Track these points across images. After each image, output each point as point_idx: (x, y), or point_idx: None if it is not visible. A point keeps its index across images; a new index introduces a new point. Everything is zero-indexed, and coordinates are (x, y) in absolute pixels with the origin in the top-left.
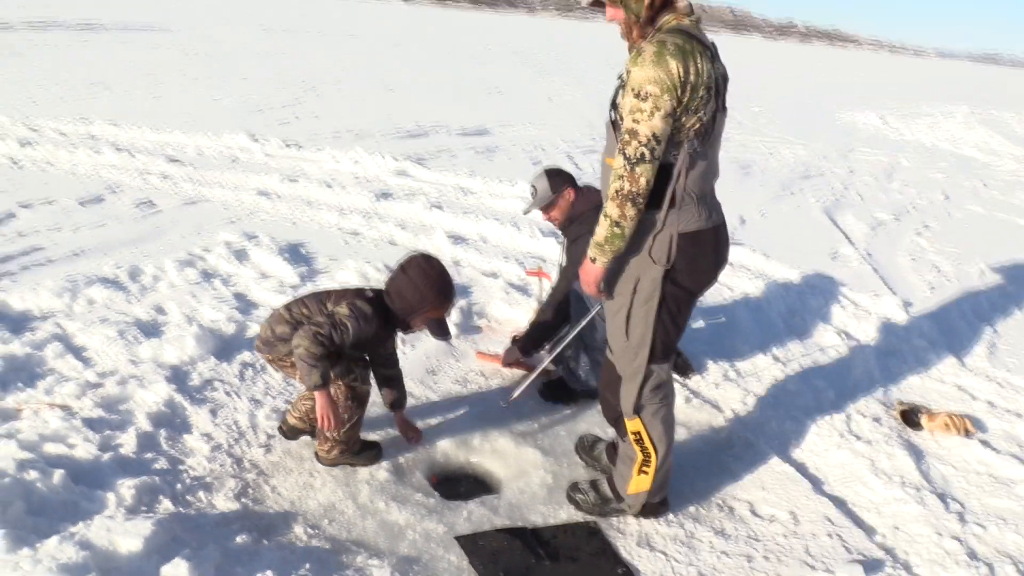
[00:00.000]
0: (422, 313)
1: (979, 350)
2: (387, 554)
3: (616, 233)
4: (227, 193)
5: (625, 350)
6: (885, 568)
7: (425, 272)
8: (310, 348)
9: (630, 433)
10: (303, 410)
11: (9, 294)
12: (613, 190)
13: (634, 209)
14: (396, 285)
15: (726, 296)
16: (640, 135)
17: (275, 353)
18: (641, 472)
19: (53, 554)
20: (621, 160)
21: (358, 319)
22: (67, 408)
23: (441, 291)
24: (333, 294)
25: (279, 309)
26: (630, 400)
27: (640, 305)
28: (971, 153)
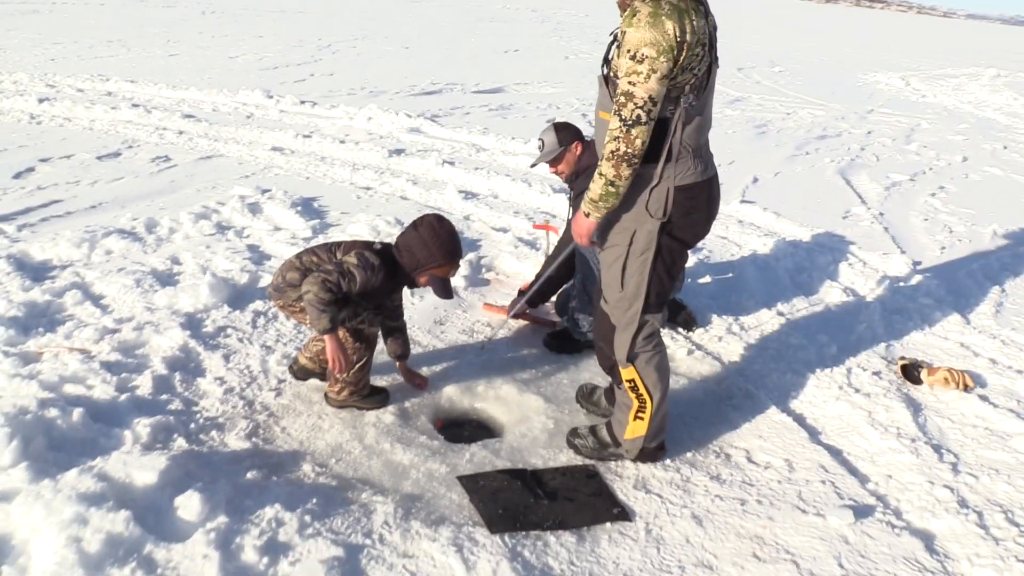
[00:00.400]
0: (428, 269)
1: (985, 309)
2: (391, 491)
3: (610, 191)
4: (242, 149)
5: (620, 300)
6: (875, 513)
7: (435, 231)
8: (319, 294)
9: (625, 381)
10: (314, 351)
11: (30, 244)
12: (609, 150)
13: (629, 169)
14: (406, 240)
15: (734, 253)
16: (636, 97)
17: (285, 299)
18: (637, 418)
19: (73, 484)
20: (617, 122)
21: (365, 269)
22: (86, 352)
23: (448, 250)
24: (343, 244)
25: (290, 257)
26: (624, 349)
27: (636, 257)
28: (994, 116)
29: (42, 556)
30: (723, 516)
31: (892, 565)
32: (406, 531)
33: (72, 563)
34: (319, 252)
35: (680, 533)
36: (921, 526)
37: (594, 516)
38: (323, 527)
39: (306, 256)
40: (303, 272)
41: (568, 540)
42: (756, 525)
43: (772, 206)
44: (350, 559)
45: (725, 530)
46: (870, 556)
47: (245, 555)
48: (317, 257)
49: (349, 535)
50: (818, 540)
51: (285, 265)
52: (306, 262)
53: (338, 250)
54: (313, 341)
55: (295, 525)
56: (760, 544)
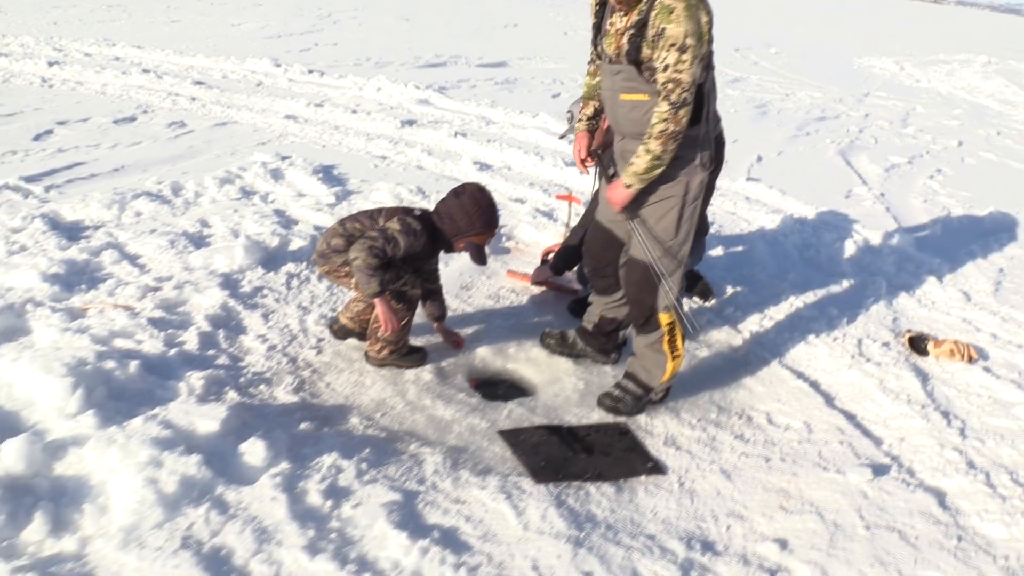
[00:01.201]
0: (467, 237)
1: (985, 287)
2: (437, 444)
3: (656, 165)
4: (255, 116)
5: (671, 247)
6: (891, 472)
7: (477, 200)
8: (366, 259)
9: (664, 325)
10: (355, 311)
11: (60, 205)
12: (658, 131)
13: (675, 144)
14: (448, 207)
15: (743, 228)
16: (683, 83)
17: (330, 264)
18: (675, 357)
19: (141, 430)
20: (666, 106)
21: (408, 234)
22: (130, 308)
23: (488, 220)
24: (384, 211)
25: (334, 224)
26: (672, 294)
27: (689, 205)
28: (986, 102)
29: (121, 496)
30: (750, 472)
31: (909, 518)
32: (456, 479)
33: (151, 502)
34: (361, 219)
35: (711, 486)
36: (934, 484)
37: (629, 469)
38: (379, 474)
39: (349, 223)
40: (347, 239)
41: (608, 490)
42: (781, 480)
43: (777, 184)
44: (407, 503)
45: (752, 484)
46: (888, 510)
47: (310, 498)
48: (360, 224)
49: (404, 482)
50: (839, 495)
51: (329, 232)
52: (350, 229)
53: (380, 216)
54: (354, 302)
55: (353, 472)
56: (786, 497)
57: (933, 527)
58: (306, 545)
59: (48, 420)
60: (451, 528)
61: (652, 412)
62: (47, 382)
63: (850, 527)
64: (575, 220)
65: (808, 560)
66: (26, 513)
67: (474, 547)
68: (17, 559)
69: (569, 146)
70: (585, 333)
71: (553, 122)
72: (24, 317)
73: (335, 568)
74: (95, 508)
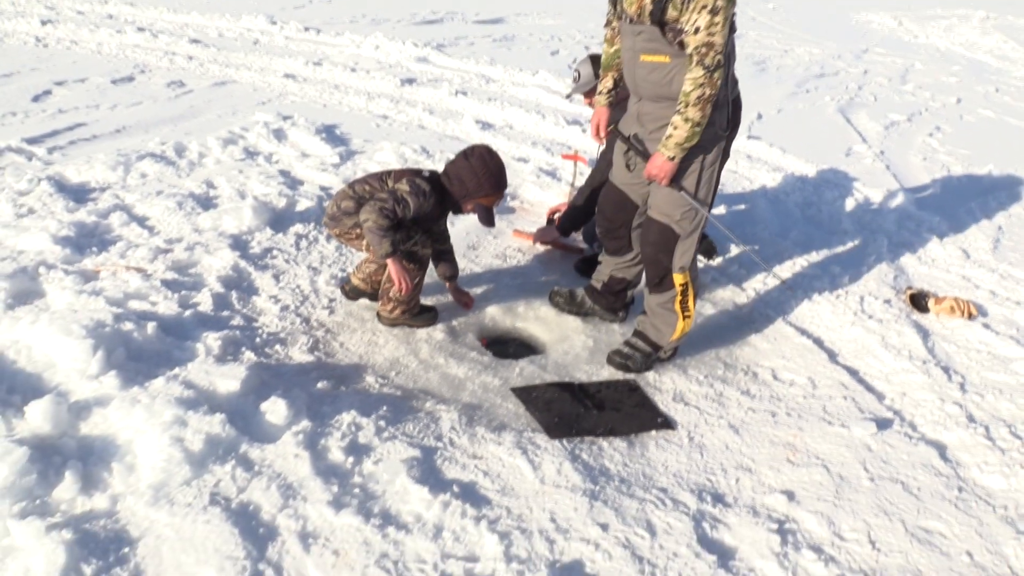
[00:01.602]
0: (476, 198)
1: (984, 244)
2: (452, 401)
3: (696, 132)
4: (254, 75)
5: (689, 211)
6: (894, 426)
7: (486, 162)
8: (377, 220)
9: (677, 286)
10: (367, 272)
11: (64, 167)
12: (695, 97)
13: (711, 107)
14: (457, 169)
15: (745, 187)
16: (716, 45)
17: (341, 227)
18: (686, 317)
19: (163, 391)
20: (701, 70)
21: (418, 195)
22: (142, 271)
23: (497, 182)
24: (393, 173)
25: (344, 187)
26: (688, 256)
27: (707, 168)
28: (984, 58)
29: (148, 454)
30: (757, 426)
31: (911, 470)
32: (472, 435)
33: (179, 460)
34: (371, 181)
35: (719, 440)
36: (935, 437)
37: (640, 425)
38: (397, 431)
39: (359, 185)
40: (357, 201)
41: (620, 445)
42: (787, 434)
43: (778, 142)
44: (426, 459)
45: (760, 438)
46: (891, 462)
47: (332, 455)
48: (369, 186)
49: (422, 438)
50: (844, 448)
51: (339, 195)
52: (359, 191)
53: (389, 178)
54: (366, 263)
55: (372, 429)
56: (792, 450)
57: (935, 478)
58: (331, 500)
59: (70, 381)
60: (470, 483)
61: (660, 369)
62: (67, 344)
63: (855, 479)
64: (580, 180)
65: (815, 511)
66: (56, 472)
67: (493, 501)
68: (51, 516)
69: (574, 105)
70: (594, 292)
71: (553, 80)
72: (38, 280)
73: (360, 522)
74: (123, 467)
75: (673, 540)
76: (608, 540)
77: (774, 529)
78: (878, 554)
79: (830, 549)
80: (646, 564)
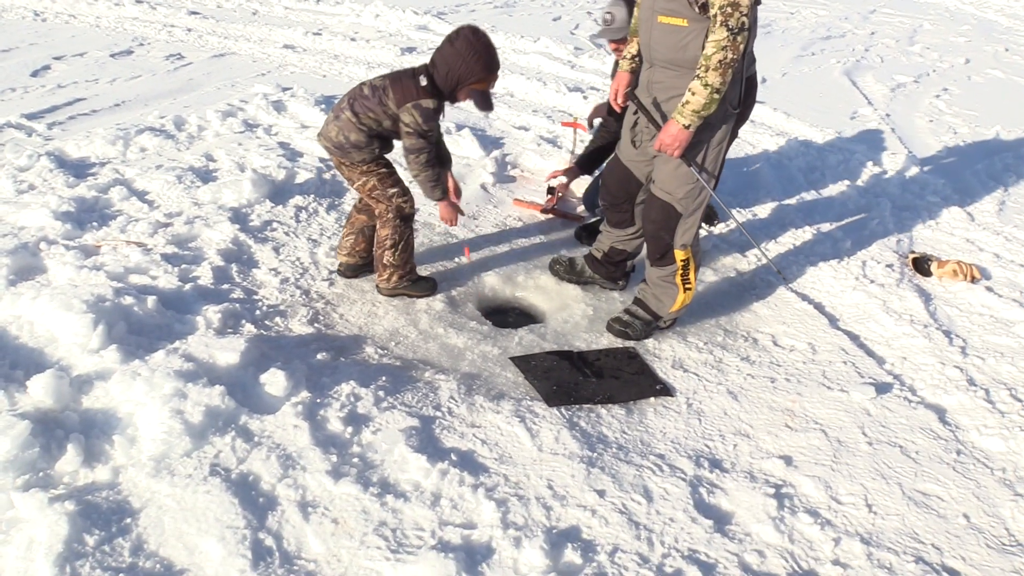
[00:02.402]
0: (468, 85)
1: (989, 207)
2: (451, 371)
3: (715, 99)
4: (253, 47)
5: (693, 190)
6: (893, 390)
7: (472, 44)
8: (427, 173)
9: (678, 261)
10: (347, 245)
11: (64, 142)
12: (716, 60)
13: (731, 73)
14: (444, 57)
15: (748, 152)
16: (742, 5)
17: (348, 159)
18: (686, 290)
19: (164, 364)
20: (724, 31)
21: (432, 119)
22: (142, 245)
23: (488, 62)
24: (388, 88)
25: (344, 113)
26: (691, 234)
27: (713, 147)
28: (995, 17)
29: (150, 427)
30: (755, 392)
31: (910, 434)
32: (471, 405)
33: (179, 432)
34: (372, 106)
35: (718, 407)
36: (934, 401)
37: (639, 392)
38: (396, 401)
39: (363, 115)
40: (368, 133)
41: (618, 412)
42: (786, 400)
43: (782, 107)
44: (425, 429)
45: (758, 404)
46: (890, 426)
47: (331, 425)
48: (373, 113)
49: (420, 408)
50: (843, 412)
51: (343, 124)
52: (366, 121)
53: (387, 97)
54: (344, 237)
55: (371, 399)
56: (791, 416)
57: (933, 442)
58: (330, 470)
59: (72, 356)
60: (468, 451)
61: (660, 336)
62: (68, 319)
63: (853, 443)
64: (580, 147)
65: (812, 475)
66: (58, 445)
67: (491, 469)
68: (55, 488)
69: (576, 71)
70: (594, 261)
71: (555, 46)
72: (39, 255)
73: (359, 491)
74: (124, 439)
75: (670, 506)
76: (605, 506)
77: (771, 494)
78: (875, 517)
79: (826, 513)
80: (642, 529)
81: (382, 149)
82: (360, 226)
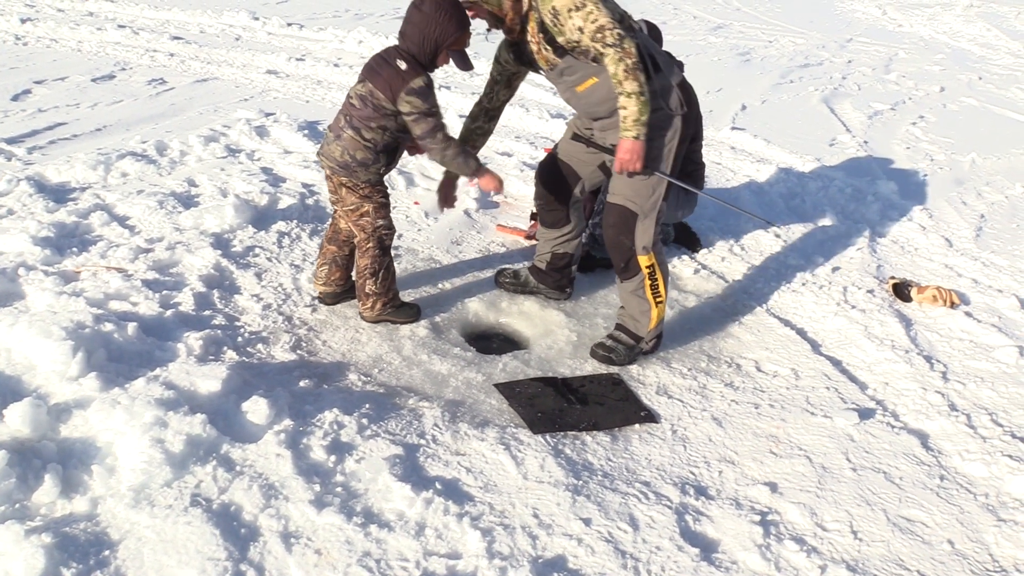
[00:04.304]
0: (444, 47)
1: (966, 233)
2: (435, 398)
3: (644, 101)
4: (236, 72)
5: (644, 187)
6: (876, 415)
7: (440, 4)
8: (450, 148)
9: (644, 268)
10: (323, 275)
11: (45, 167)
12: (621, 71)
13: (643, 74)
14: (414, 26)
15: (729, 178)
16: (606, 25)
17: (354, 178)
18: (658, 303)
19: (144, 392)
20: (611, 50)
21: (429, 94)
22: (123, 271)
23: (460, 20)
24: (374, 91)
25: (345, 132)
26: (648, 236)
27: (665, 146)
28: (968, 47)
29: (129, 456)
30: (740, 418)
31: (893, 459)
32: (455, 432)
33: (159, 461)
34: (371, 117)
35: (703, 433)
36: (917, 426)
37: (624, 418)
38: (380, 429)
39: (367, 131)
40: (375, 150)
41: (603, 439)
42: (770, 426)
43: (762, 133)
44: (409, 457)
45: (743, 430)
46: (873, 452)
47: (314, 454)
48: (375, 122)
49: (404, 436)
50: (827, 438)
51: (349, 143)
52: (371, 137)
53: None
54: (319, 267)
55: (354, 427)
56: (775, 442)
57: (917, 467)
58: (313, 499)
59: (50, 384)
60: (453, 479)
61: (644, 362)
62: (46, 346)
63: (837, 469)
64: None
65: (797, 502)
66: (36, 476)
67: (476, 497)
68: (31, 520)
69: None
70: (538, 271)
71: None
72: (17, 281)
73: (342, 521)
74: (103, 469)
75: (656, 534)
76: (591, 535)
77: (757, 521)
78: (860, 544)
79: (812, 540)
80: (629, 558)
81: (388, 166)
82: (332, 256)
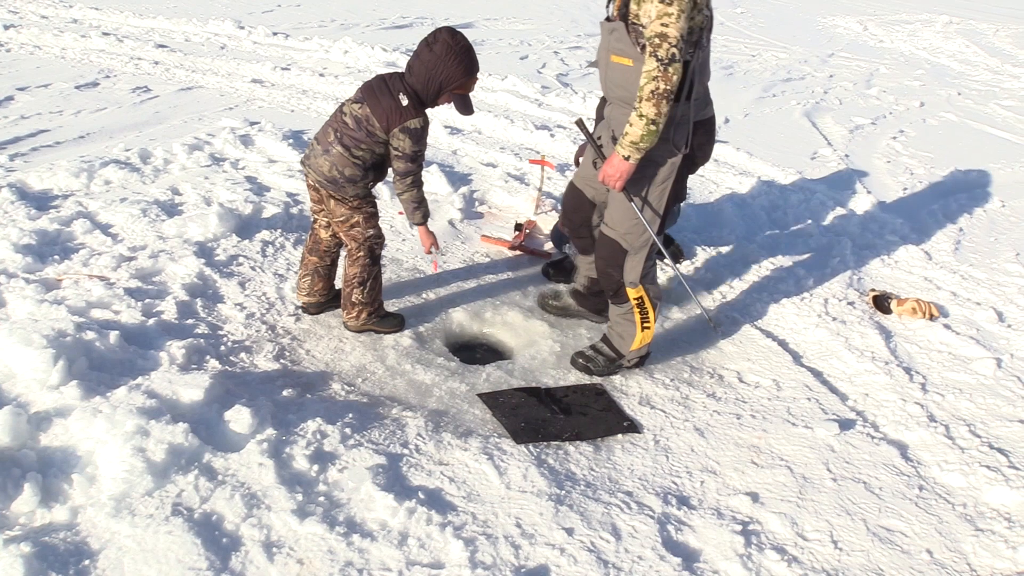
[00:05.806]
0: (448, 89)
1: (945, 246)
2: (418, 408)
3: (652, 131)
4: (221, 80)
5: (635, 226)
6: (856, 426)
7: (451, 47)
8: (411, 191)
9: (632, 299)
10: (306, 287)
11: (27, 174)
12: (648, 91)
13: (667, 106)
14: (422, 63)
15: (712, 191)
16: (670, 37)
17: (342, 193)
18: (644, 328)
19: (125, 400)
20: (654, 62)
21: (421, 139)
22: (105, 279)
23: (468, 66)
24: (370, 117)
25: (334, 148)
26: (637, 271)
27: (656, 187)
28: (947, 63)
29: (110, 465)
30: (722, 429)
31: (873, 470)
32: (439, 442)
33: (141, 470)
34: (360, 140)
35: (685, 443)
36: (896, 437)
37: (607, 428)
38: (363, 438)
39: (355, 149)
40: (363, 167)
41: (586, 449)
42: (752, 436)
43: (744, 146)
44: (392, 466)
45: (724, 441)
46: (854, 462)
47: (297, 463)
48: (364, 144)
49: (388, 445)
50: (808, 449)
51: (337, 159)
52: (358, 156)
53: (373, 128)
54: (301, 279)
55: (338, 437)
56: (757, 452)
57: (896, 478)
58: (295, 509)
59: (31, 392)
60: (436, 489)
61: (627, 373)
62: (27, 354)
63: (818, 479)
64: (548, 184)
65: (779, 512)
66: (15, 485)
67: (459, 507)
68: (10, 530)
69: (543, 110)
70: (578, 295)
71: (523, 85)
72: None
73: (324, 530)
74: (84, 478)
75: (638, 543)
76: (573, 544)
77: (738, 531)
78: (840, 553)
79: (793, 550)
80: (611, 568)
81: (375, 180)
82: (314, 267)
